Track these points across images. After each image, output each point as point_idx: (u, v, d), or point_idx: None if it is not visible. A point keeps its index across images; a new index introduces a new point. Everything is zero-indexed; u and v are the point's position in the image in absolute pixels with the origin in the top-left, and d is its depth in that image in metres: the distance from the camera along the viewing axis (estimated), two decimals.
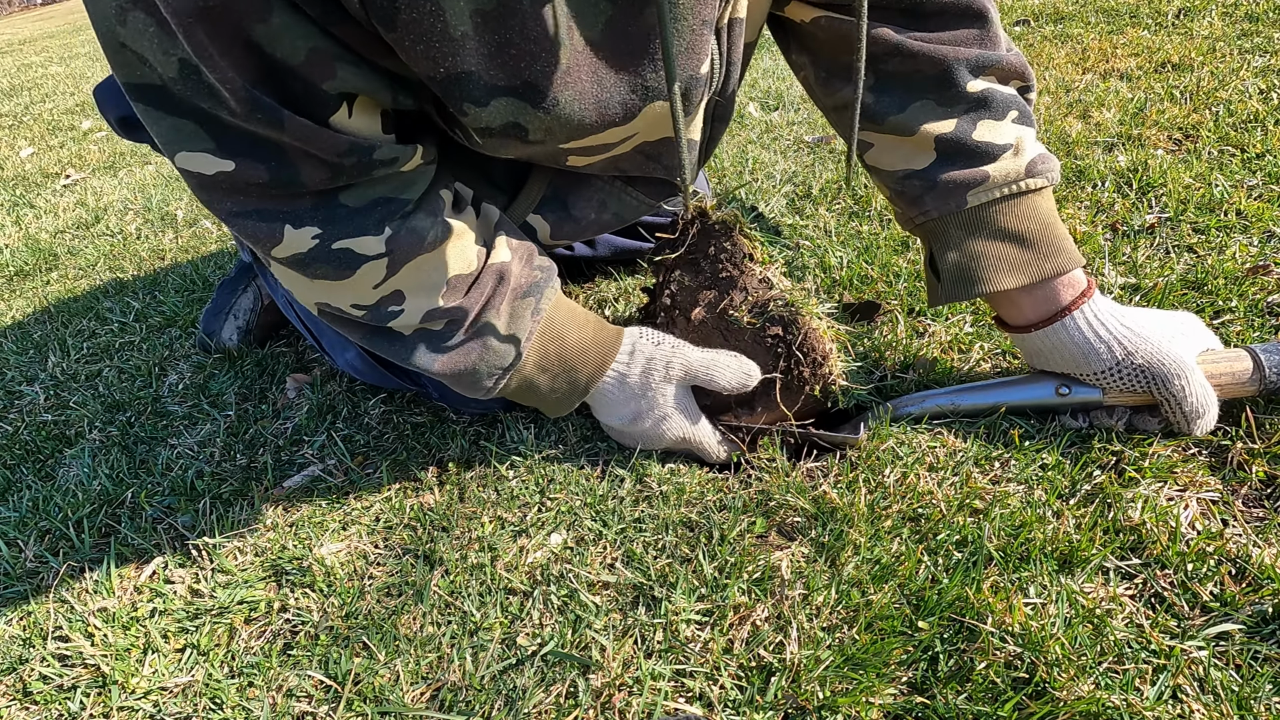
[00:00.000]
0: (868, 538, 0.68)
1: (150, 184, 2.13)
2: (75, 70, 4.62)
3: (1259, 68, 1.48)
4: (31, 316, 1.38)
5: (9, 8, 14.82)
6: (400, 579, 0.72)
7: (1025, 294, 0.75)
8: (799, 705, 0.57)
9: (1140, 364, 0.71)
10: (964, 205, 0.74)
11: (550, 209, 0.86)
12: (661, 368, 0.78)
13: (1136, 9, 1.99)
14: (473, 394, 0.78)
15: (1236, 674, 0.55)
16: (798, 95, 1.88)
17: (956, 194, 0.74)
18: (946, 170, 0.75)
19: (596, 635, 0.64)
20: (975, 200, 0.74)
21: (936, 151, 0.75)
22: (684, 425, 0.80)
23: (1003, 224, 0.74)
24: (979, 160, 0.74)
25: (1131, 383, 0.72)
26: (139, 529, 0.83)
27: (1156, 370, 0.71)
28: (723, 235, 0.80)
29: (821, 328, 0.78)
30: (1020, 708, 0.55)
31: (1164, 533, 0.65)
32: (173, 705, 0.64)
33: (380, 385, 0.99)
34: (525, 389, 0.78)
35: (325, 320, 0.75)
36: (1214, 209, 1.07)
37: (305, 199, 0.64)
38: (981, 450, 0.76)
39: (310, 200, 0.64)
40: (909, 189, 0.77)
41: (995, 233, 0.74)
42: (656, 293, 0.85)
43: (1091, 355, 0.73)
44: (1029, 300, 0.75)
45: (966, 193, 0.74)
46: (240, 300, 1.15)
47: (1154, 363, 0.71)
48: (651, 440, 0.81)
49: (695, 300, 0.81)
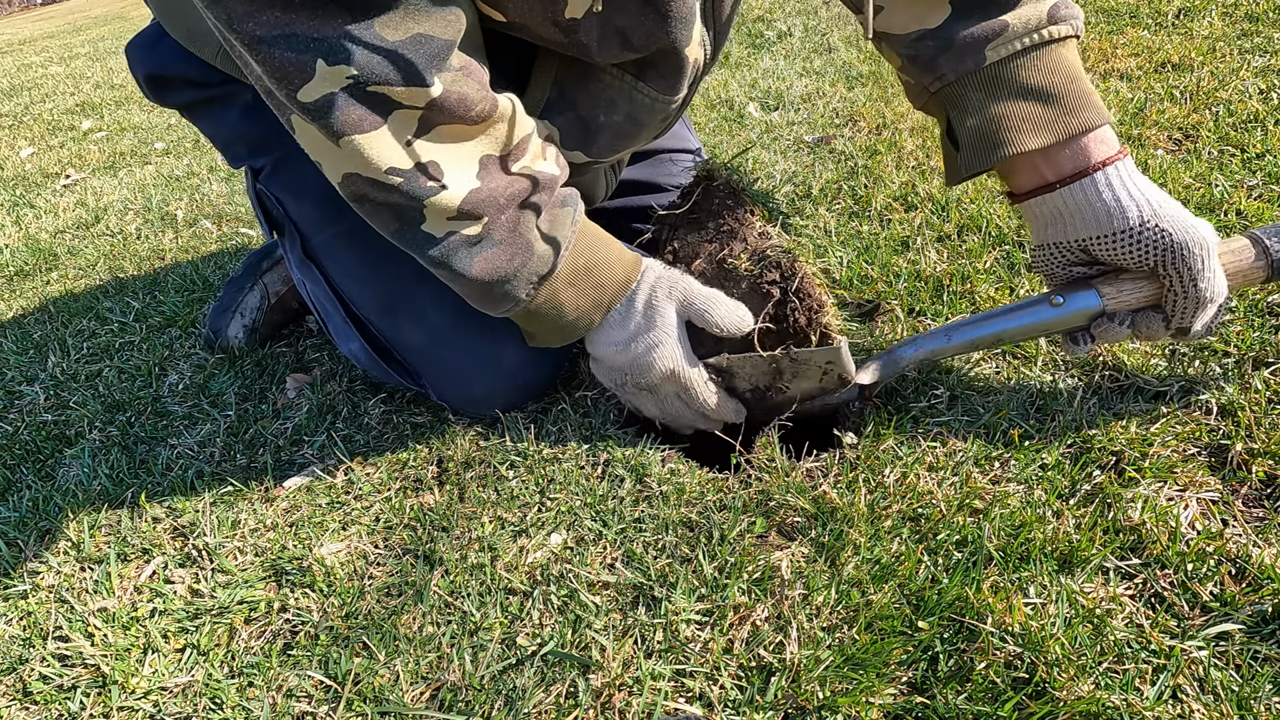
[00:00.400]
0: (868, 538, 0.68)
1: (150, 184, 2.13)
2: (75, 70, 4.62)
3: (1259, 68, 1.48)
4: (31, 316, 1.38)
5: (9, 8, 14.83)
6: (400, 579, 0.72)
7: (1052, 153, 0.70)
8: (799, 705, 0.57)
9: (1165, 228, 0.67)
10: (982, 63, 0.70)
11: (558, 111, 0.80)
12: (665, 287, 0.77)
13: (1136, 9, 1.99)
14: (497, 309, 0.76)
15: (1236, 674, 0.55)
16: (798, 95, 1.88)
17: (974, 50, 0.70)
18: (963, 24, 0.70)
19: (596, 635, 0.64)
20: (995, 55, 0.69)
21: (951, 4, 0.71)
22: (677, 356, 0.77)
23: (1025, 80, 0.69)
24: (997, 8, 0.69)
25: (1148, 251, 0.68)
26: (139, 529, 0.83)
27: (1179, 238, 0.67)
28: (726, 194, 0.80)
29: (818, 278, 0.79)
30: (1020, 708, 0.55)
31: (1164, 533, 0.65)
32: (173, 705, 0.64)
33: (381, 380, 0.99)
34: (547, 307, 0.76)
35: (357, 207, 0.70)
36: (1214, 209, 1.06)
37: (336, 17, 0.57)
38: (981, 450, 0.76)
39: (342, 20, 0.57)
40: (923, 51, 0.72)
41: (1017, 90, 0.70)
42: (659, 248, 0.85)
43: (1117, 213, 0.68)
44: (1054, 160, 0.71)
45: (985, 48, 0.69)
46: (247, 298, 1.15)
47: (1178, 229, 0.67)
48: (640, 370, 0.78)
49: (696, 253, 0.81)
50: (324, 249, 0.87)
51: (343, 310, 0.91)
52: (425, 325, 0.87)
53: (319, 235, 0.87)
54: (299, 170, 0.84)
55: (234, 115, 0.88)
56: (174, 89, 0.89)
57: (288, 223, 0.88)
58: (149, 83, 0.88)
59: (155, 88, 0.89)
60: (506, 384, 0.89)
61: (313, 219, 0.87)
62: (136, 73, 0.89)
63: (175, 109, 0.93)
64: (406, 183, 0.65)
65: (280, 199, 0.87)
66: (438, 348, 0.87)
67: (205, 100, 0.89)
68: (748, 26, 2.66)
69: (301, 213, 0.87)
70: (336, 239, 0.87)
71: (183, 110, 0.93)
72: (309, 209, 0.86)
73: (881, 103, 1.73)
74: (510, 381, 0.89)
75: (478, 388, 0.88)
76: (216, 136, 0.93)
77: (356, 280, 0.88)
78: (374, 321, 0.90)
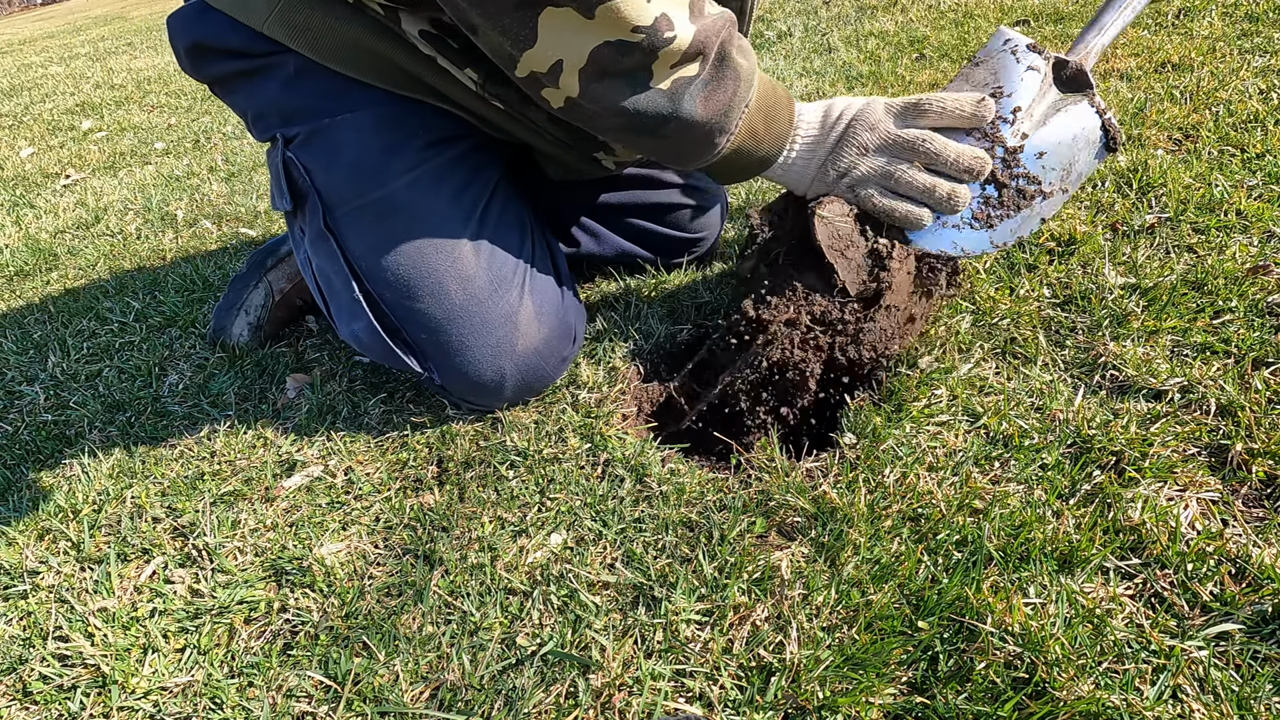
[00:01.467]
0: (867, 538, 0.68)
1: (150, 184, 2.13)
2: (75, 70, 4.62)
3: (1259, 68, 1.48)
4: (31, 316, 1.38)
5: (9, 8, 14.83)
6: (400, 579, 0.72)
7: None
8: (799, 705, 0.57)
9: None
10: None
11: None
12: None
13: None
14: (705, 153, 0.80)
15: (1236, 674, 0.55)
16: (797, 95, 1.88)
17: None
18: None
19: (596, 635, 0.64)
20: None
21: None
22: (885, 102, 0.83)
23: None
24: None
25: None
26: (139, 529, 0.83)
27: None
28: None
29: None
30: (1020, 708, 0.55)
31: (1164, 533, 0.65)
32: (173, 705, 0.64)
33: (382, 364, 0.98)
34: (748, 137, 0.81)
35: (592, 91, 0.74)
36: (1214, 209, 1.07)
37: None
38: (981, 450, 0.76)
39: None
40: None
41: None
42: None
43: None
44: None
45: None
46: (252, 296, 1.16)
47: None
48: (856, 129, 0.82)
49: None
50: (347, 220, 0.88)
51: (356, 286, 0.90)
52: (446, 302, 0.87)
53: (345, 207, 0.88)
54: (335, 139, 0.86)
55: (274, 86, 0.89)
56: (216, 60, 0.90)
57: (312, 193, 0.88)
58: (191, 53, 0.89)
59: (196, 59, 0.90)
60: (516, 371, 0.89)
61: (341, 190, 0.87)
62: (178, 44, 0.90)
63: (209, 82, 0.94)
64: (648, 37, 0.70)
65: (309, 168, 0.88)
66: (454, 325, 0.87)
67: (245, 72, 0.90)
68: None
69: (330, 183, 0.87)
70: (363, 211, 0.87)
71: (216, 85, 0.94)
72: (339, 180, 0.87)
73: None
74: (520, 368, 0.89)
75: (488, 371, 0.88)
76: (249, 108, 0.93)
77: (379, 254, 0.88)
78: (388, 298, 0.89)
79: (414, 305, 0.88)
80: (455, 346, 0.87)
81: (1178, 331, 0.86)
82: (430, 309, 0.87)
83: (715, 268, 1.16)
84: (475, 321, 0.87)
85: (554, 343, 0.92)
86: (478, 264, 0.87)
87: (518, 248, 0.92)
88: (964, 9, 2.34)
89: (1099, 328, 0.88)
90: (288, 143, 0.89)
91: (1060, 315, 0.92)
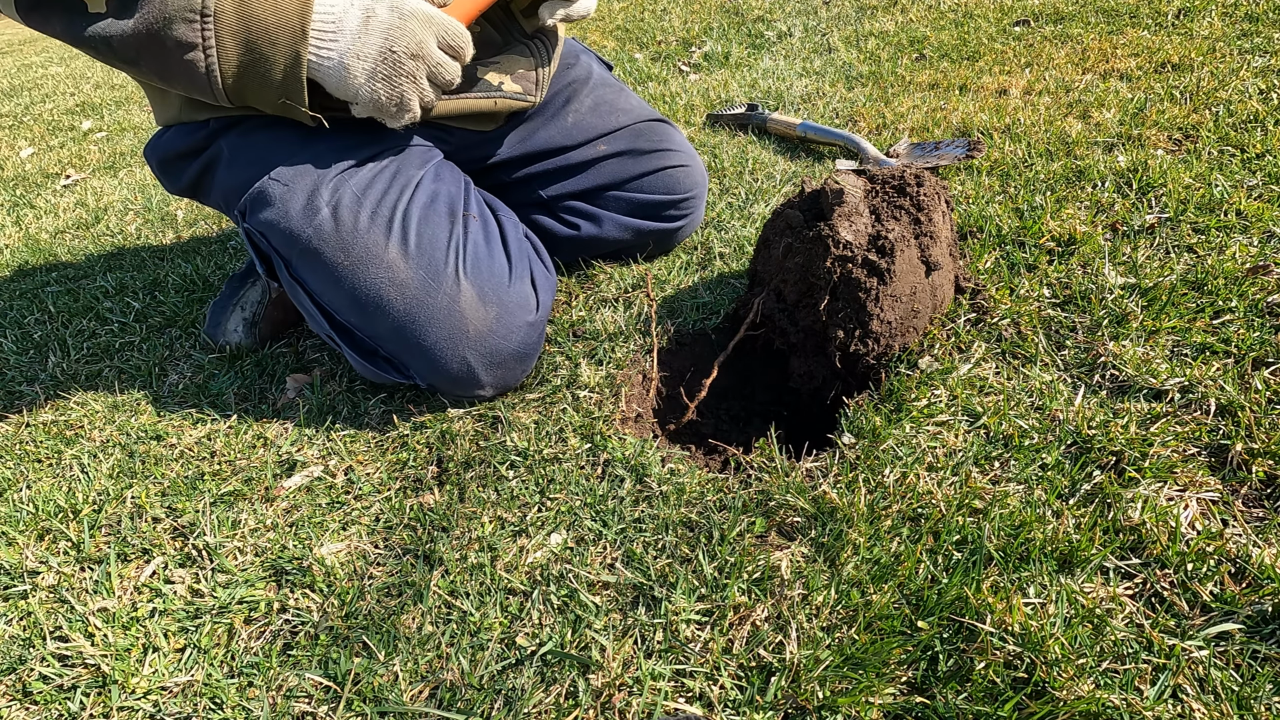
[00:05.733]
0: (867, 538, 0.68)
1: (150, 184, 2.13)
2: (75, 70, 4.62)
3: (1259, 68, 1.48)
4: (31, 316, 1.38)
5: None
6: (400, 579, 0.72)
7: None
8: (799, 705, 0.57)
9: None
10: None
11: None
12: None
13: (1136, 9, 1.99)
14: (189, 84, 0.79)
15: (1236, 674, 0.55)
16: (798, 95, 1.88)
17: None
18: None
19: (596, 635, 0.64)
20: None
21: None
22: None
23: None
24: None
25: None
26: (139, 529, 0.83)
27: None
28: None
29: None
30: (1020, 708, 0.55)
31: (1164, 533, 0.65)
32: (173, 705, 0.64)
33: (379, 381, 1.00)
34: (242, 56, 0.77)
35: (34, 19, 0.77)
36: (1214, 209, 1.07)
37: None
38: (981, 450, 0.76)
39: None
40: None
41: None
42: None
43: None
44: None
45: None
46: (248, 292, 1.16)
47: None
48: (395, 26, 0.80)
49: None
50: (301, 266, 0.92)
51: (327, 322, 0.95)
52: (391, 310, 0.90)
53: (294, 254, 0.92)
54: (267, 198, 0.91)
55: (221, 172, 0.95)
56: (178, 168, 0.98)
57: (272, 252, 0.93)
58: (162, 168, 0.98)
59: (166, 172, 0.99)
60: (479, 356, 0.90)
61: (286, 241, 0.91)
62: (152, 164, 0.99)
63: (188, 192, 1.01)
64: None
65: (262, 231, 0.93)
66: (406, 330, 0.90)
67: (202, 171, 0.97)
68: (748, 26, 2.66)
69: (278, 238, 0.92)
70: (306, 254, 0.91)
71: (190, 193, 1.01)
72: (279, 234, 0.91)
73: (881, 103, 1.73)
74: (481, 352, 0.90)
75: (453, 363, 0.89)
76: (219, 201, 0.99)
77: (330, 286, 0.91)
78: (353, 322, 0.93)
79: (369, 322, 0.91)
80: (415, 349, 0.90)
81: (1178, 331, 0.86)
82: (381, 321, 0.90)
83: (715, 268, 1.16)
84: (421, 320, 0.89)
85: (506, 318, 0.92)
86: (408, 267, 0.89)
87: (446, 238, 0.92)
88: (964, 9, 2.34)
89: (1099, 328, 0.88)
90: (243, 216, 0.94)
91: (1060, 315, 0.92)
